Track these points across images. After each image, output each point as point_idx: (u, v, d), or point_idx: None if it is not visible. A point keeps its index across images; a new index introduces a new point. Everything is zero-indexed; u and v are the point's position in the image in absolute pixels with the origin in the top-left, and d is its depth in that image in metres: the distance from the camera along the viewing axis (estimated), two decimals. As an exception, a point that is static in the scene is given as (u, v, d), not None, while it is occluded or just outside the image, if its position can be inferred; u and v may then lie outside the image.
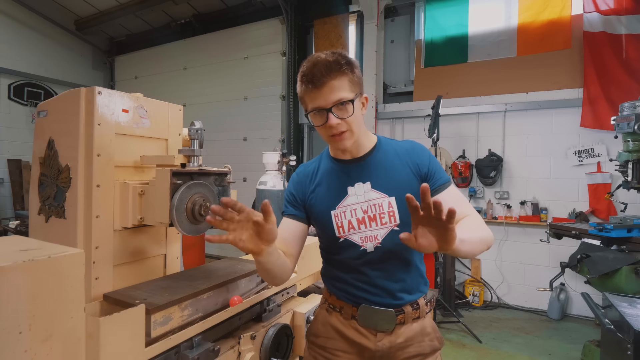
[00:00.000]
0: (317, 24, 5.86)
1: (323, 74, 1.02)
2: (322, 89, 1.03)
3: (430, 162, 1.15)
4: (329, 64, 1.03)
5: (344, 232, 1.14)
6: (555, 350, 3.37)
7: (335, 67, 1.03)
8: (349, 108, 1.05)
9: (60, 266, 0.76)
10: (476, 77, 4.77)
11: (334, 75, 1.03)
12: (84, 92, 1.14)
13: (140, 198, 1.21)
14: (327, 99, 1.04)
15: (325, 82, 1.03)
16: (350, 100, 1.05)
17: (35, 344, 0.72)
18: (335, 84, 1.03)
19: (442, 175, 1.15)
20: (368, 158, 1.16)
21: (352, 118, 1.06)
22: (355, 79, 1.07)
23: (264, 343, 1.30)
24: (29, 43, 6.76)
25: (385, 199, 1.12)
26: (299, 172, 1.26)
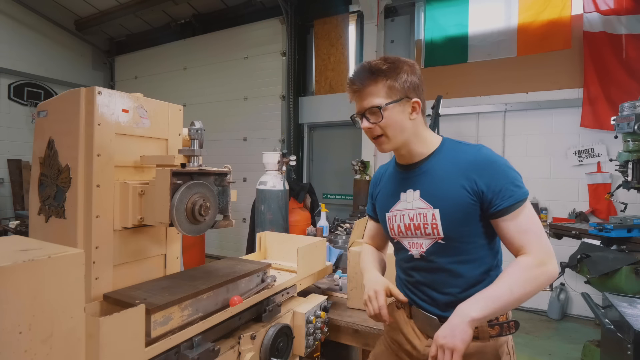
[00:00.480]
0: (317, 24, 5.86)
1: (360, 80, 1.10)
2: (359, 94, 1.11)
3: (495, 179, 1.02)
4: (366, 71, 1.09)
5: (396, 234, 1.20)
6: (555, 350, 3.37)
7: (371, 75, 1.08)
8: (379, 114, 1.08)
9: (60, 266, 0.76)
10: (476, 77, 4.77)
11: (368, 82, 1.08)
12: (84, 92, 1.14)
13: (140, 198, 1.21)
14: (362, 104, 1.11)
15: (360, 89, 1.10)
16: (379, 106, 1.07)
17: (35, 344, 0.72)
18: (370, 90, 1.08)
19: (510, 195, 1.00)
20: (422, 165, 1.15)
21: (386, 123, 1.08)
22: (396, 85, 1.07)
23: (264, 343, 1.30)
24: (29, 43, 6.76)
25: (430, 210, 1.10)
26: (375, 175, 1.37)
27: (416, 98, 1.10)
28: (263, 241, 1.95)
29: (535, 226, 1.02)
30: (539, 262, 0.99)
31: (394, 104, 1.07)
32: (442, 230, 1.07)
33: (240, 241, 5.99)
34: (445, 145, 1.16)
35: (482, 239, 1.09)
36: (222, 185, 1.35)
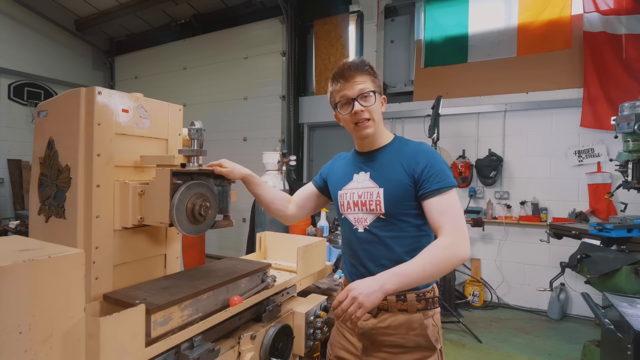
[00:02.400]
0: (317, 24, 5.86)
1: (351, 70, 1.27)
2: (350, 81, 1.27)
3: (428, 167, 1.21)
4: (355, 64, 1.29)
5: (344, 210, 1.37)
6: (555, 350, 3.37)
7: (360, 66, 1.28)
8: (372, 98, 1.27)
9: (60, 266, 0.76)
10: (476, 77, 4.77)
11: (360, 72, 1.27)
12: (84, 92, 1.14)
13: (140, 198, 1.21)
14: (353, 89, 1.27)
15: (352, 76, 1.27)
16: (372, 91, 1.27)
17: (35, 344, 0.72)
18: (360, 78, 1.27)
19: (437, 180, 1.19)
20: (377, 153, 1.35)
21: (374, 107, 1.28)
22: (376, 81, 1.31)
23: (264, 343, 1.30)
24: (29, 43, 6.75)
25: (376, 189, 1.28)
26: (335, 157, 1.56)
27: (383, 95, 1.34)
28: (263, 241, 1.95)
29: (453, 210, 1.18)
30: (452, 244, 1.13)
31: (377, 94, 1.29)
32: (383, 207, 1.25)
33: (240, 241, 5.99)
34: (397, 140, 1.36)
35: (415, 219, 1.26)
36: (222, 185, 1.35)
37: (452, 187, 1.20)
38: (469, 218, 4.49)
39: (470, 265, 4.76)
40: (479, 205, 4.73)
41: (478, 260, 4.72)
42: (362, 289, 1.06)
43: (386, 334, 1.25)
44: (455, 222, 1.16)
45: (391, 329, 1.25)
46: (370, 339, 1.28)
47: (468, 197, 4.76)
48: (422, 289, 1.26)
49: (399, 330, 1.24)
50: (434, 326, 1.28)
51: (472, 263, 4.75)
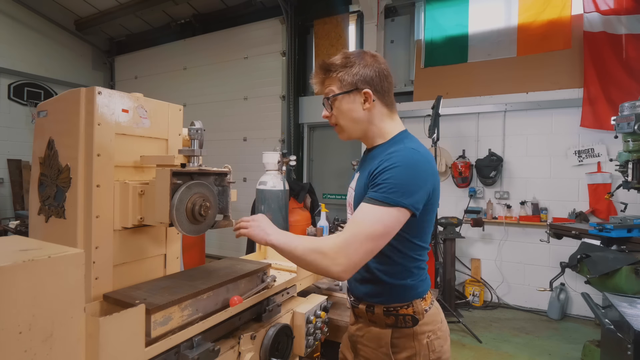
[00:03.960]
0: (317, 24, 5.86)
1: (316, 74, 1.22)
2: (317, 87, 1.24)
3: (380, 176, 1.06)
4: (321, 66, 1.20)
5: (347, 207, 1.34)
6: (555, 350, 3.37)
7: (325, 70, 1.19)
8: (333, 104, 1.20)
9: (60, 266, 0.76)
10: (476, 77, 4.77)
11: (322, 76, 1.20)
12: (84, 92, 1.14)
13: (140, 198, 1.21)
14: (321, 95, 1.24)
15: (316, 82, 1.23)
16: (327, 97, 1.20)
17: (35, 344, 0.72)
18: (325, 83, 1.21)
19: (377, 190, 1.04)
20: (370, 152, 1.26)
21: (337, 112, 1.20)
22: (346, 77, 1.16)
23: (264, 343, 1.30)
24: (29, 43, 6.75)
25: (352, 191, 1.26)
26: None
27: (367, 89, 1.15)
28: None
29: (360, 226, 1.02)
30: (330, 256, 1.02)
31: (344, 95, 1.17)
32: (353, 209, 1.18)
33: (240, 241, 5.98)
34: (395, 138, 1.20)
35: None
36: (222, 185, 1.35)
37: (384, 203, 1.02)
38: (468, 218, 4.49)
39: (470, 265, 4.76)
40: (479, 205, 4.73)
41: (478, 260, 4.72)
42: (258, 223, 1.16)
43: (362, 344, 1.22)
44: (352, 237, 1.01)
45: (365, 340, 1.21)
46: (354, 345, 1.27)
47: (468, 197, 4.76)
48: (395, 303, 1.16)
49: (371, 344, 1.19)
50: (411, 350, 1.14)
51: (472, 263, 4.75)
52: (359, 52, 1.19)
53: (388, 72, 1.20)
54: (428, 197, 1.09)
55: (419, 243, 1.16)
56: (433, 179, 1.11)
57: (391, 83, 1.22)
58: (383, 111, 1.20)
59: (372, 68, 1.16)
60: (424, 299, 1.18)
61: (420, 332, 1.15)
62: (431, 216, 1.17)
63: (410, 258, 1.16)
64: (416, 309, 1.16)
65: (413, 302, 1.16)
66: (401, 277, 1.16)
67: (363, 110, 1.17)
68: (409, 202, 1.02)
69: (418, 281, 1.18)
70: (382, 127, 1.21)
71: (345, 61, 1.16)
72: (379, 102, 1.19)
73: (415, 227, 1.12)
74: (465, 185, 4.78)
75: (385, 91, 1.19)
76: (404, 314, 1.15)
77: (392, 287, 1.16)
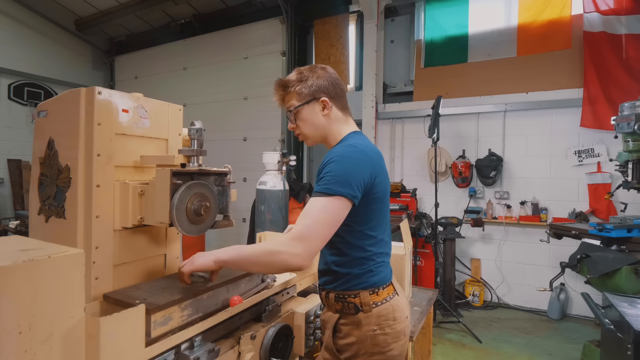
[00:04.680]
0: (317, 24, 5.86)
1: (276, 92, 1.33)
2: (279, 103, 1.34)
3: (322, 171, 1.17)
4: (279, 85, 1.31)
5: None
6: (555, 350, 3.37)
7: (283, 87, 1.31)
8: (294, 116, 1.30)
9: (60, 266, 0.76)
10: (476, 77, 4.77)
11: (282, 93, 1.32)
12: (84, 92, 1.14)
13: (140, 198, 1.21)
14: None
15: (278, 99, 1.33)
16: (290, 109, 1.29)
17: (35, 344, 0.72)
18: (285, 99, 1.31)
19: (320, 183, 1.14)
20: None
21: (300, 123, 1.30)
22: (303, 90, 1.27)
23: (264, 343, 1.30)
24: (29, 43, 6.75)
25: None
26: None
27: (324, 97, 1.27)
28: (263, 241, 1.95)
29: (310, 216, 1.10)
30: (284, 250, 1.07)
31: (304, 106, 1.28)
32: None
33: (240, 241, 5.99)
34: (343, 139, 1.30)
35: None
36: (222, 185, 1.35)
37: (325, 194, 1.11)
38: (468, 218, 4.49)
39: (470, 265, 4.76)
40: (479, 205, 4.73)
41: (478, 260, 4.72)
42: (196, 257, 1.16)
43: (322, 328, 1.35)
44: (305, 228, 1.08)
45: (323, 324, 1.34)
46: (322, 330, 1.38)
47: (468, 197, 4.76)
48: (343, 290, 1.24)
49: (325, 328, 1.30)
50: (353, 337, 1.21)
51: (472, 263, 4.75)
52: (310, 67, 1.31)
53: (339, 80, 1.33)
54: (366, 186, 1.16)
55: (368, 232, 1.22)
56: (371, 170, 1.18)
57: (343, 90, 1.34)
58: (339, 115, 1.31)
59: (325, 78, 1.28)
60: (375, 292, 1.23)
61: (365, 323, 1.21)
62: (379, 205, 1.23)
63: (357, 248, 1.22)
64: (363, 299, 1.22)
65: (360, 292, 1.22)
66: (348, 265, 1.23)
67: (322, 117, 1.28)
68: (346, 191, 1.11)
69: (365, 271, 1.23)
70: (338, 130, 1.31)
71: (300, 76, 1.28)
72: (335, 107, 1.30)
73: (360, 215, 1.19)
74: (465, 185, 4.78)
75: (339, 96, 1.31)
76: (349, 302, 1.23)
77: (340, 275, 1.24)
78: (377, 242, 1.25)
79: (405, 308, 1.30)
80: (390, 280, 1.29)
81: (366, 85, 5.25)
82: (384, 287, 1.25)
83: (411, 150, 5.18)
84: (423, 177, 5.06)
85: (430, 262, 4.59)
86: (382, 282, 1.25)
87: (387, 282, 1.27)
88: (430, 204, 4.42)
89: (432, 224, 4.38)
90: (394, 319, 1.23)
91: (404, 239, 1.93)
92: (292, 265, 1.08)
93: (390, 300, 1.25)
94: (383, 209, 1.27)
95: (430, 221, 4.55)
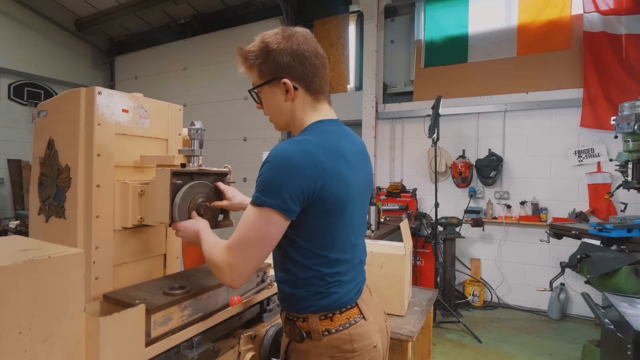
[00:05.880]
0: (317, 24, 5.86)
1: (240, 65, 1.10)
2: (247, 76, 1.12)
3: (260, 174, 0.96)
4: (239, 56, 1.09)
5: None
6: (555, 350, 3.37)
7: (244, 59, 1.08)
8: (259, 96, 1.10)
9: (60, 266, 0.76)
10: (476, 77, 4.77)
11: (244, 67, 1.09)
12: (84, 92, 1.14)
13: (140, 198, 1.21)
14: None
15: (243, 72, 1.10)
16: (250, 90, 1.10)
17: (35, 344, 0.72)
18: (249, 74, 1.09)
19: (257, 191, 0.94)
20: None
21: (265, 104, 1.10)
22: (264, 67, 1.04)
23: (264, 343, 1.30)
24: (29, 43, 6.75)
25: None
26: None
27: (285, 78, 1.01)
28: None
29: (238, 230, 0.95)
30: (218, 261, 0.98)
31: (264, 86, 1.06)
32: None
33: (240, 241, 5.98)
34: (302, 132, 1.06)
35: None
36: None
37: (255, 204, 0.92)
38: (468, 218, 4.49)
39: (470, 265, 4.76)
40: (479, 205, 4.73)
41: (478, 260, 4.72)
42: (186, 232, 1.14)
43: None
44: (231, 245, 0.95)
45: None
46: None
47: (468, 197, 4.76)
48: (292, 311, 1.04)
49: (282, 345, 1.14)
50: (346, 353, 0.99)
51: (472, 263, 4.75)
52: (275, 34, 1.04)
53: (311, 53, 1.03)
54: (308, 197, 0.91)
55: (317, 251, 0.98)
56: (313, 177, 0.91)
57: (316, 65, 1.04)
58: (306, 100, 1.04)
59: (287, 52, 1.00)
60: (329, 318, 1.00)
61: (314, 354, 0.99)
62: (331, 220, 0.97)
63: (303, 267, 0.99)
64: (311, 325, 1.00)
65: (308, 316, 1.00)
66: (293, 285, 1.02)
67: (285, 102, 1.04)
68: (274, 203, 0.89)
69: (312, 293, 0.99)
70: (302, 118, 1.06)
71: (262, 47, 1.03)
72: (302, 90, 1.03)
73: (306, 231, 0.96)
74: (465, 185, 4.78)
75: (307, 76, 1.02)
76: (297, 327, 1.03)
77: (286, 294, 1.05)
78: (330, 262, 1.00)
79: (374, 335, 1.04)
80: (353, 302, 1.03)
81: (366, 85, 5.25)
82: (342, 311, 1.01)
83: (411, 150, 5.18)
84: (423, 177, 5.06)
85: (430, 262, 4.59)
86: (339, 304, 1.01)
87: (348, 305, 1.02)
88: (430, 204, 4.42)
89: (432, 224, 4.38)
90: (352, 351, 0.98)
91: (404, 239, 1.93)
92: (226, 284, 1.00)
93: (349, 327, 1.00)
94: (340, 224, 0.99)
95: (430, 221, 4.55)
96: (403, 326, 1.66)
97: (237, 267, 0.94)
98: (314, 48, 1.05)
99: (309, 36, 1.06)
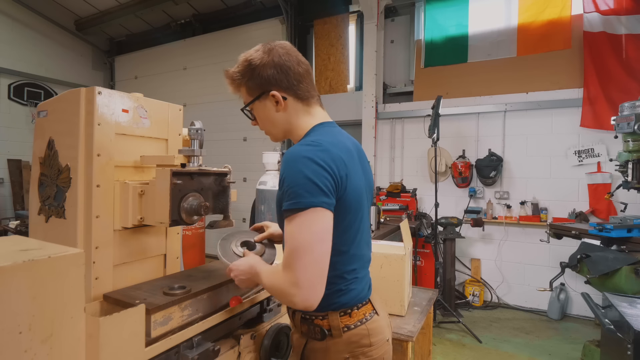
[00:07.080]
0: (317, 24, 5.86)
1: (229, 86, 1.15)
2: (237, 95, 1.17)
3: (283, 182, 0.94)
4: (226, 78, 1.14)
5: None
6: (555, 350, 3.37)
7: (231, 82, 1.14)
8: (252, 113, 1.16)
9: (60, 266, 0.76)
10: (476, 77, 4.77)
11: (233, 89, 1.15)
12: (84, 92, 1.14)
13: (140, 198, 1.21)
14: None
15: (233, 92, 1.16)
16: (242, 109, 1.16)
17: (35, 344, 0.72)
18: (240, 94, 1.15)
19: (289, 199, 0.92)
20: None
21: (258, 119, 1.15)
22: (251, 84, 1.09)
23: (264, 343, 1.30)
24: (29, 43, 6.75)
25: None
26: None
27: (274, 89, 1.06)
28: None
29: (292, 244, 0.91)
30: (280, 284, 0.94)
31: (255, 102, 1.11)
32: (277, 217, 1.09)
33: (240, 241, 5.98)
34: (306, 135, 1.08)
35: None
36: (222, 185, 1.35)
37: (298, 210, 0.90)
38: (468, 218, 4.49)
39: (470, 265, 4.76)
40: (479, 205, 4.73)
41: (478, 260, 4.72)
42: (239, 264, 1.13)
43: (293, 351, 1.18)
44: (292, 261, 0.90)
45: (292, 348, 1.17)
46: None
47: (468, 197, 4.76)
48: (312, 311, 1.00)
49: (293, 352, 1.14)
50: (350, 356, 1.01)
51: (472, 263, 4.75)
52: (256, 51, 1.09)
53: (292, 62, 1.07)
54: (337, 188, 0.95)
55: (341, 248, 1.01)
56: (337, 168, 0.94)
57: (300, 73, 1.07)
58: (298, 107, 1.09)
59: (270, 65, 1.05)
60: (347, 313, 1.03)
61: (335, 351, 1.02)
62: (352, 215, 1.01)
63: None
64: (332, 322, 1.02)
65: (329, 313, 1.02)
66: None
67: (277, 113, 1.09)
68: (311, 201, 0.90)
69: (333, 291, 1.01)
70: (299, 124, 1.10)
71: (246, 65, 1.08)
72: (291, 98, 1.08)
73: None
74: (465, 185, 4.77)
75: (293, 85, 1.07)
76: (315, 325, 1.04)
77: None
78: (349, 259, 1.04)
79: (386, 329, 1.10)
80: (367, 298, 1.08)
81: (366, 85, 5.25)
82: (359, 307, 1.05)
83: (411, 150, 5.18)
84: (423, 177, 5.06)
85: (430, 262, 4.59)
86: (356, 300, 1.05)
87: (363, 301, 1.07)
88: (430, 204, 4.42)
89: (432, 224, 4.38)
90: (369, 345, 1.03)
91: (404, 239, 1.93)
92: (299, 308, 0.92)
93: (366, 322, 1.04)
94: (359, 219, 1.05)
95: (430, 221, 4.55)
96: (403, 326, 1.67)
97: (302, 281, 0.89)
98: (295, 57, 1.09)
99: (288, 47, 1.10)
